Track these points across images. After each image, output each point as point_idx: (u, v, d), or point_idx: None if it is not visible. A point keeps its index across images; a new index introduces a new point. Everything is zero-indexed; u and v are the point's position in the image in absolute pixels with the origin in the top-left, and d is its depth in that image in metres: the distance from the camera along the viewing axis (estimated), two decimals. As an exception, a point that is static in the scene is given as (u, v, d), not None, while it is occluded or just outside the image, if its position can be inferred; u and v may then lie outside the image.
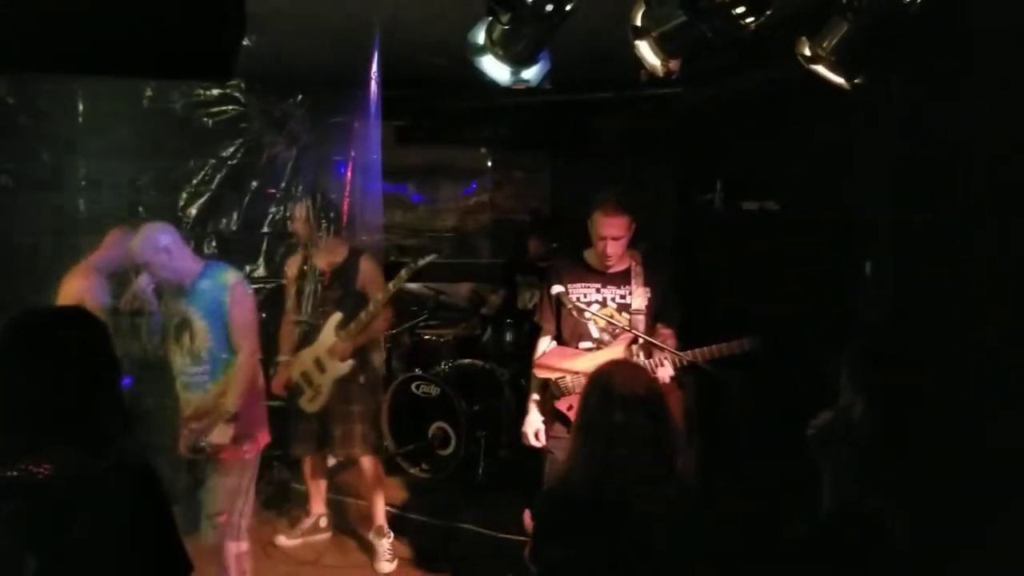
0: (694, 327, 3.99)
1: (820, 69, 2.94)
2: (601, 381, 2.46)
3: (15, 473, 1.78)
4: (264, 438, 3.92)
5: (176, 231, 3.82)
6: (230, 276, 3.80)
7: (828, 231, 4.74)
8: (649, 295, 3.90)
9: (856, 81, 2.93)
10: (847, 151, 4.58)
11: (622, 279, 3.92)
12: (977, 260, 3.30)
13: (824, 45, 2.86)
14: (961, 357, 3.13)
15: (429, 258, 4.66)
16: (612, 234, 3.77)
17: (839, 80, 2.95)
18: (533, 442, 3.95)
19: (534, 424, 3.96)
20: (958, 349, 3.17)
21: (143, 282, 3.87)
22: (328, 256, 4.70)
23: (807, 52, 2.95)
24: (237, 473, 3.79)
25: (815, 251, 4.81)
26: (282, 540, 4.94)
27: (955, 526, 2.27)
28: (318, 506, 5.06)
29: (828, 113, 4.45)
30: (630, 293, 3.90)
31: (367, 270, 4.68)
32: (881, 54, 3.18)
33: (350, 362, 4.61)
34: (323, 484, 5.09)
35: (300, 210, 4.70)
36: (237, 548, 3.83)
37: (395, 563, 4.73)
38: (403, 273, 4.52)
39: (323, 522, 5.05)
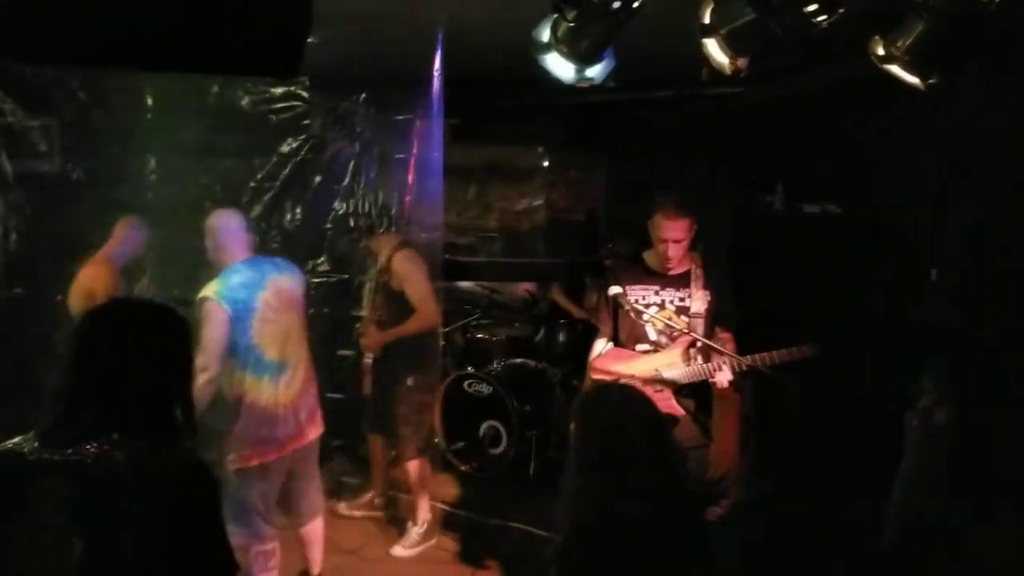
0: (752, 330, 3.96)
1: (894, 69, 2.88)
2: (595, 412, 2.37)
3: (74, 456, 1.81)
4: (253, 457, 3.74)
5: (240, 220, 3.82)
6: (207, 289, 3.62)
7: (891, 235, 4.66)
8: (709, 298, 3.87)
9: (931, 81, 2.87)
10: (912, 154, 4.50)
11: (682, 281, 3.90)
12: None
13: (898, 44, 2.80)
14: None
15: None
16: (673, 236, 3.75)
17: (913, 80, 2.88)
18: None
19: None
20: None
21: None
22: (386, 251, 4.77)
23: (880, 52, 2.89)
24: (233, 485, 3.70)
25: (877, 255, 4.73)
26: (342, 508, 5.20)
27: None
28: (377, 488, 5.26)
29: (893, 114, 4.38)
30: (689, 296, 3.87)
31: (398, 266, 4.67)
32: (952, 53, 3.12)
33: (368, 360, 4.75)
34: (383, 471, 5.26)
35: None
36: (260, 545, 3.84)
37: (412, 551, 4.83)
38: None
39: (377, 502, 5.25)
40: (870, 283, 4.71)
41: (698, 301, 3.86)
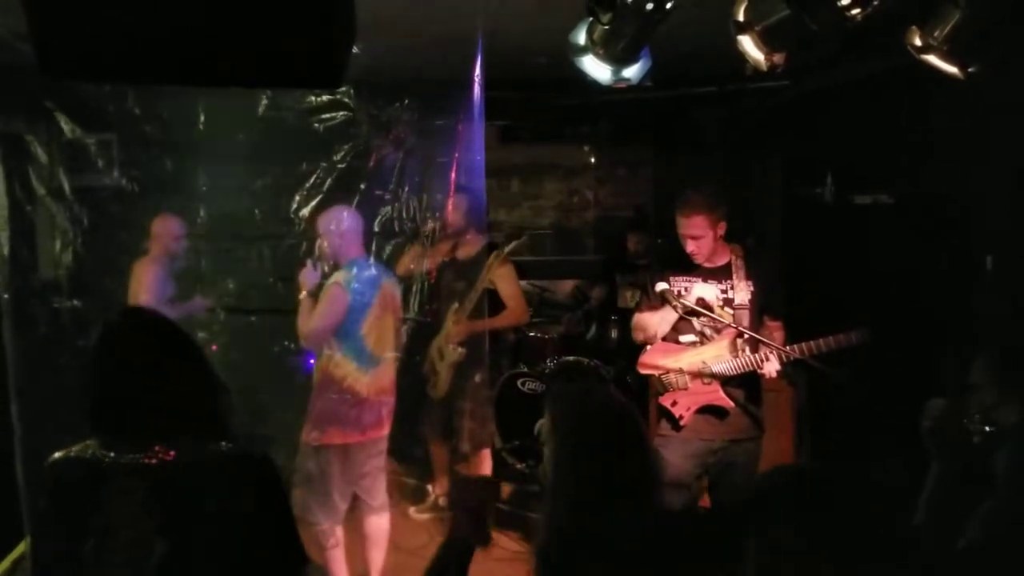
0: (804, 323, 3.93)
1: (932, 59, 2.84)
2: (566, 411, 2.26)
3: (147, 460, 1.88)
4: (335, 437, 4.06)
5: (355, 216, 4.19)
6: (337, 276, 4.03)
7: (946, 224, 4.57)
8: (752, 289, 3.88)
9: (970, 70, 2.82)
10: (965, 142, 4.42)
11: (723, 273, 3.91)
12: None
13: (935, 34, 2.76)
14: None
15: (522, 239, 5.36)
16: (691, 233, 3.78)
17: (952, 70, 2.84)
18: None
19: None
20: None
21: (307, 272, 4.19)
22: (435, 254, 4.88)
23: (917, 42, 2.85)
24: (312, 460, 4.06)
25: (931, 245, 4.65)
26: (412, 512, 5.35)
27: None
28: (441, 488, 5.43)
29: (943, 103, 4.30)
30: (732, 287, 3.89)
31: (492, 265, 4.97)
32: (1001, 37, 3.06)
33: (461, 349, 4.86)
34: (447, 472, 5.42)
35: (459, 201, 4.96)
36: (325, 524, 4.10)
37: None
38: (500, 252, 4.95)
39: (442, 502, 5.39)
40: (925, 273, 4.63)
41: (741, 292, 3.87)
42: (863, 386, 3.93)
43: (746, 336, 3.79)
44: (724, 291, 3.89)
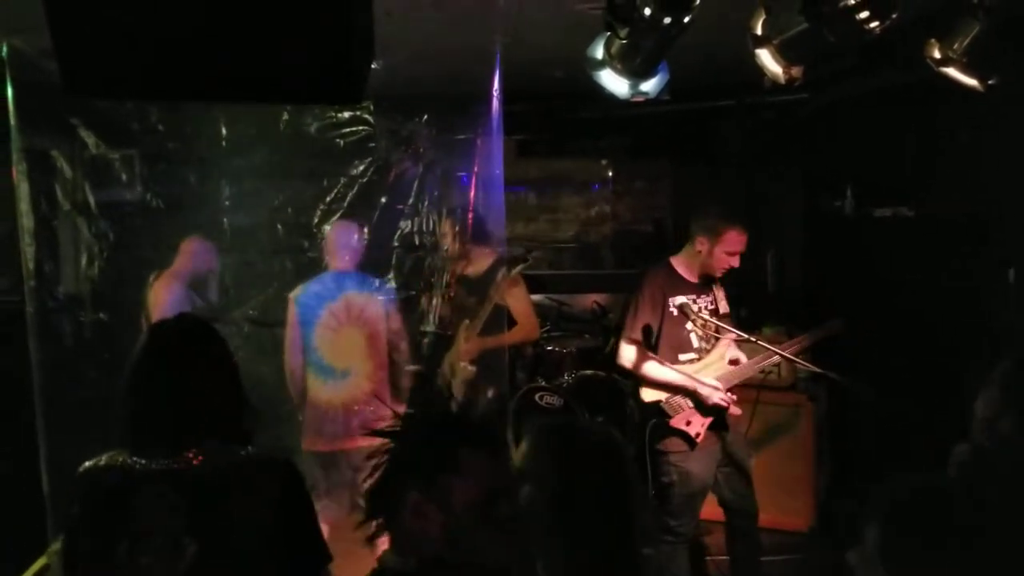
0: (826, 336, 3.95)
1: (951, 72, 2.84)
2: (549, 451, 1.98)
3: (177, 465, 1.92)
4: (311, 444, 4.18)
5: (342, 229, 4.32)
6: (296, 290, 4.17)
7: (966, 237, 4.55)
8: (725, 297, 4.09)
9: (990, 82, 2.82)
10: (984, 154, 4.40)
11: (707, 287, 4.05)
12: None
13: (955, 47, 2.76)
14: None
15: (532, 256, 5.40)
16: (741, 250, 3.89)
17: (972, 82, 2.84)
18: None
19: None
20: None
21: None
22: (453, 267, 4.89)
23: (937, 55, 2.85)
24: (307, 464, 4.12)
25: (952, 258, 4.63)
26: None
27: None
28: None
29: (963, 115, 4.29)
30: (716, 300, 4.04)
31: (504, 280, 4.89)
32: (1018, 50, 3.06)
33: (472, 368, 4.84)
34: None
35: (447, 225, 4.97)
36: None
37: None
38: (512, 271, 4.92)
39: None
40: (945, 286, 4.60)
41: (722, 302, 4.04)
42: (882, 398, 3.93)
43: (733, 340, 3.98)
44: (711, 303, 4.02)
